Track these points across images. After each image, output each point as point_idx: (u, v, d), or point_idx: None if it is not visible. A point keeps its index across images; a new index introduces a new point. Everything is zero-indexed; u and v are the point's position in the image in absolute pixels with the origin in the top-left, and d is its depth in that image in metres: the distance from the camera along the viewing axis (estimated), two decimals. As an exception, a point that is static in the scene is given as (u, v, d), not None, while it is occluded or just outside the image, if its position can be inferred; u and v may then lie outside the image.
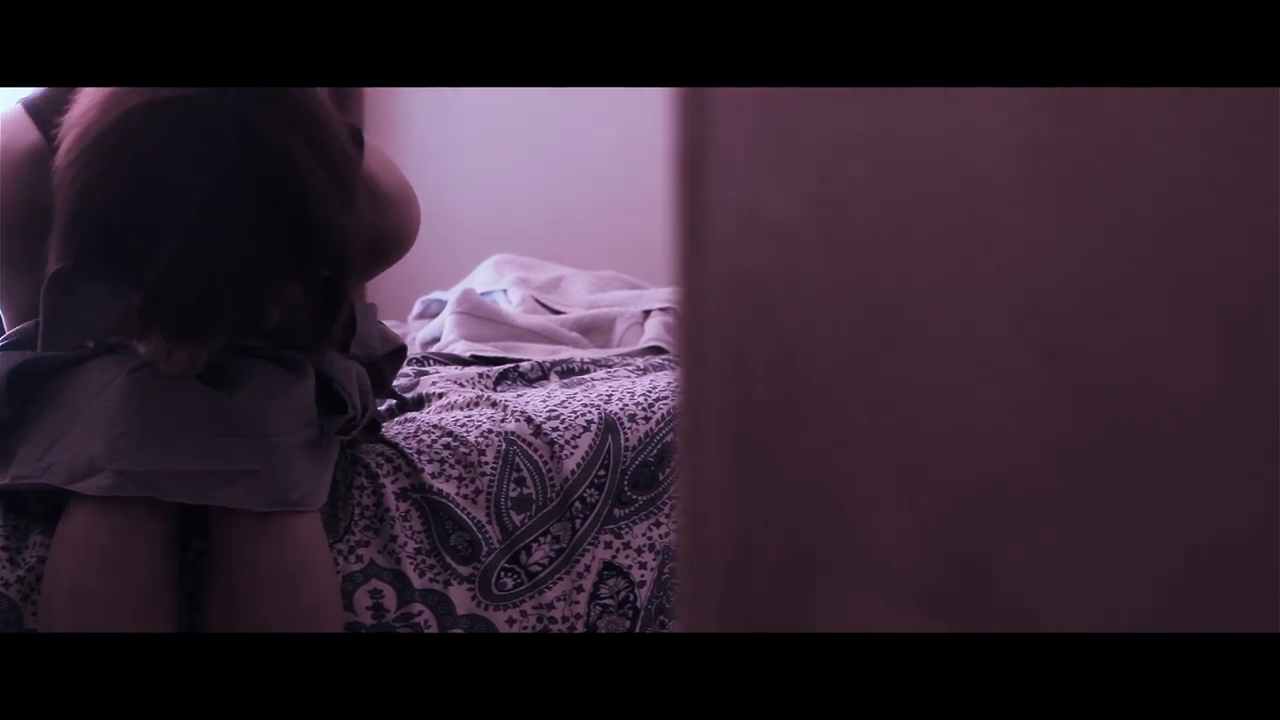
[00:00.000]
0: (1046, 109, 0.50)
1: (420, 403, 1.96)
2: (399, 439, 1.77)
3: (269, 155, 1.29)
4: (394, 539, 1.71)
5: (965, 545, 0.53)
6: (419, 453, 1.75)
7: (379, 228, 1.56)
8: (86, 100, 1.33)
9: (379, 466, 1.73)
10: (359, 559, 1.69)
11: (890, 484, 0.54)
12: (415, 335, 2.40)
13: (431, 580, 1.72)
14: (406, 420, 1.84)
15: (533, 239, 3.09)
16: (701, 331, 0.61)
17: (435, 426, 1.80)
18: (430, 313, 2.52)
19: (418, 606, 1.71)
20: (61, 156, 1.31)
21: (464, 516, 1.74)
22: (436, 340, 2.32)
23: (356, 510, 1.71)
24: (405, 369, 2.14)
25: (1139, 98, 0.48)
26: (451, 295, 2.42)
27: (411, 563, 1.71)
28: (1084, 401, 0.50)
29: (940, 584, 0.53)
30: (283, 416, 1.52)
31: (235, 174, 1.28)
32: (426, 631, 1.71)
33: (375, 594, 1.70)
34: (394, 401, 1.93)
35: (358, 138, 1.55)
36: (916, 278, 0.54)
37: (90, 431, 1.48)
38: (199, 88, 1.29)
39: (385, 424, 1.83)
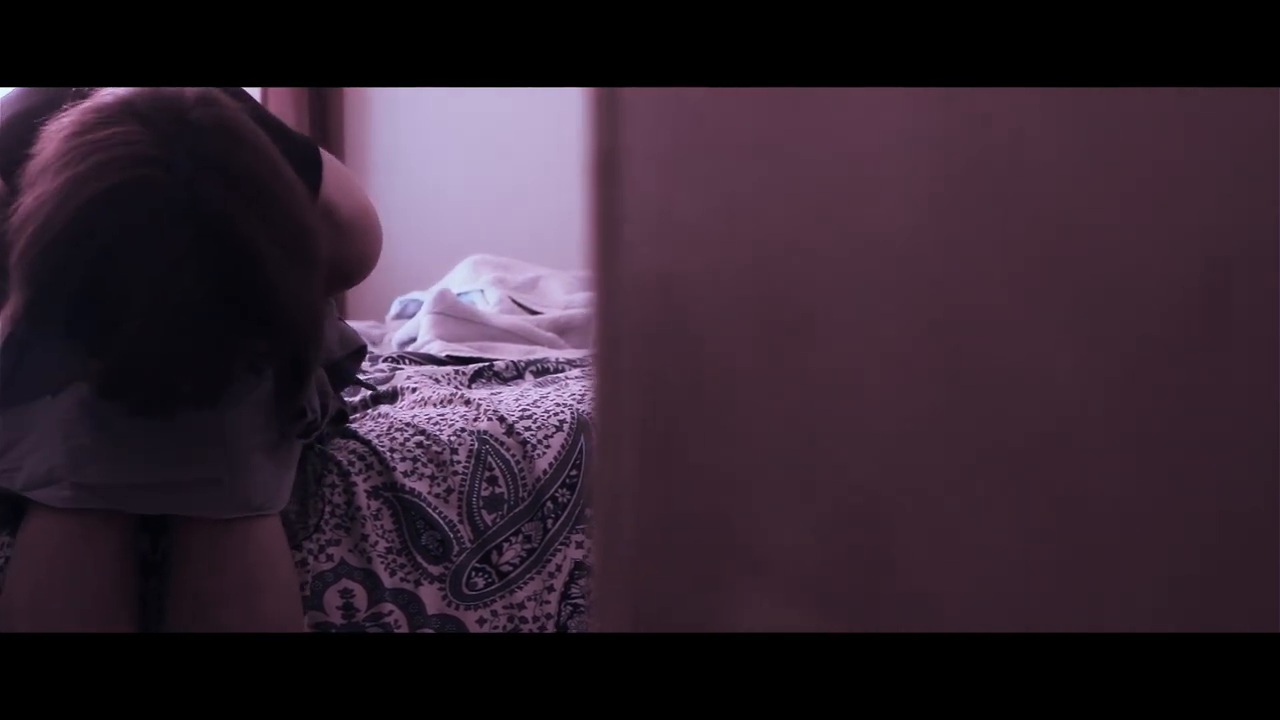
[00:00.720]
0: (936, 107, 0.50)
1: (394, 396, 1.96)
2: (371, 436, 1.77)
3: (219, 232, 1.29)
4: (365, 538, 1.71)
5: (865, 543, 0.53)
6: (391, 451, 1.75)
7: (338, 254, 1.56)
8: (43, 184, 1.31)
9: (351, 464, 1.73)
10: (329, 558, 1.69)
11: (794, 481, 0.55)
12: (392, 336, 2.40)
13: (402, 580, 1.72)
14: (379, 417, 1.84)
15: (510, 239, 3.10)
16: (614, 330, 0.61)
17: (408, 425, 1.80)
18: (408, 313, 2.52)
19: (388, 606, 1.71)
20: (18, 252, 1.30)
21: (435, 516, 1.74)
22: (413, 340, 2.32)
23: (327, 509, 1.71)
24: (380, 366, 2.14)
25: (1027, 97, 0.48)
26: (428, 295, 2.42)
27: (382, 562, 1.71)
28: (976, 400, 0.50)
29: (841, 582, 0.53)
30: (241, 422, 1.52)
31: (187, 253, 1.29)
32: (397, 631, 1.71)
33: (346, 593, 1.70)
34: (369, 393, 1.93)
35: (313, 162, 1.55)
36: (819, 277, 0.54)
37: (49, 439, 1.48)
38: (151, 168, 1.28)
39: (358, 419, 1.83)
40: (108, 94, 1.35)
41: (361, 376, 1.99)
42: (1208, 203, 0.44)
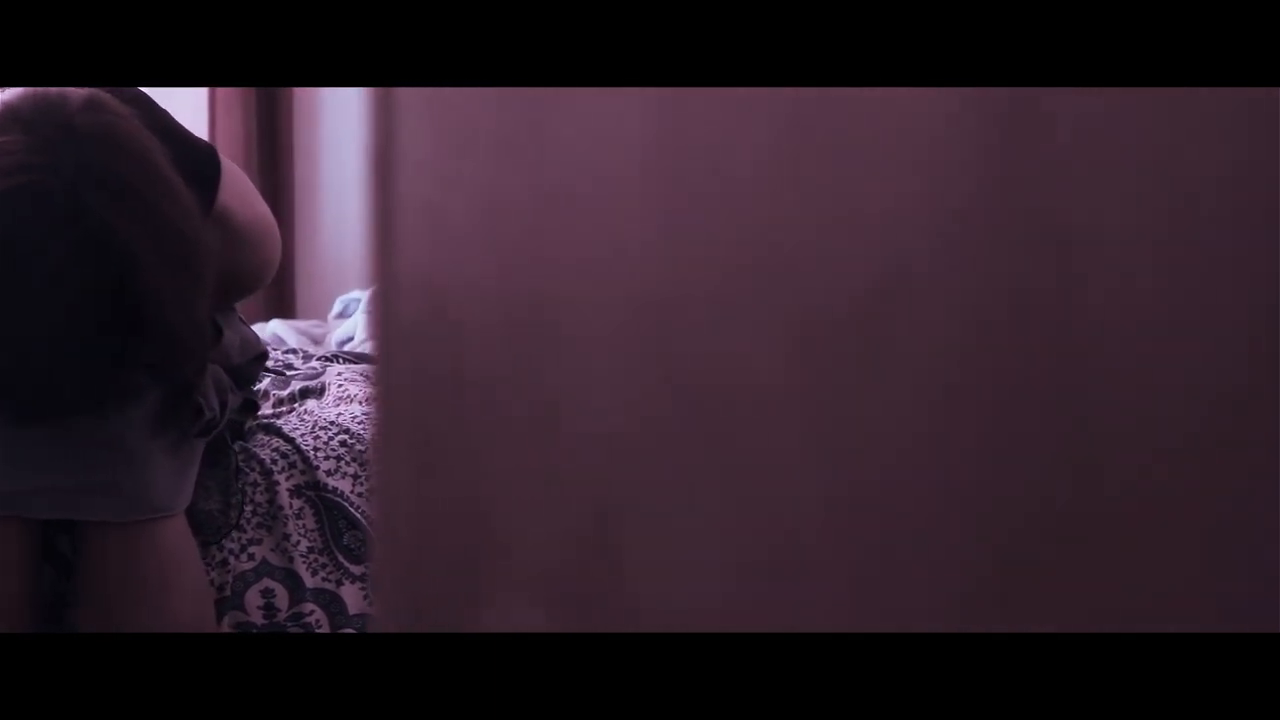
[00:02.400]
0: (667, 109, 0.51)
1: (323, 390, 1.96)
2: (295, 435, 1.76)
3: (100, 241, 1.28)
4: (287, 537, 1.71)
5: (595, 543, 0.53)
6: (315, 450, 1.75)
7: (235, 261, 1.56)
8: None
9: (274, 463, 1.73)
10: (251, 557, 1.69)
11: (539, 482, 0.55)
12: (333, 335, 2.40)
13: (324, 579, 1.72)
14: (305, 415, 1.84)
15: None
16: (389, 331, 0.62)
17: (332, 424, 1.80)
18: (349, 312, 2.52)
19: (309, 606, 1.71)
20: None
21: (358, 515, 1.74)
22: (351, 340, 2.32)
23: (249, 508, 1.70)
24: (313, 364, 2.14)
25: (731, 98, 0.49)
26: (367, 294, 2.42)
27: (304, 561, 1.71)
28: (696, 407, 0.50)
29: (578, 584, 0.53)
30: (137, 425, 1.52)
31: (67, 262, 1.28)
32: (318, 631, 1.71)
33: (267, 593, 1.70)
34: (297, 388, 1.93)
35: (210, 170, 1.54)
36: (564, 282, 0.55)
37: None
38: (31, 175, 1.27)
39: (284, 417, 1.82)
40: None
41: (291, 374, 1.99)
42: (887, 202, 0.45)
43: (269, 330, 2.52)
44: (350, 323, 2.37)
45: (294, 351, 2.25)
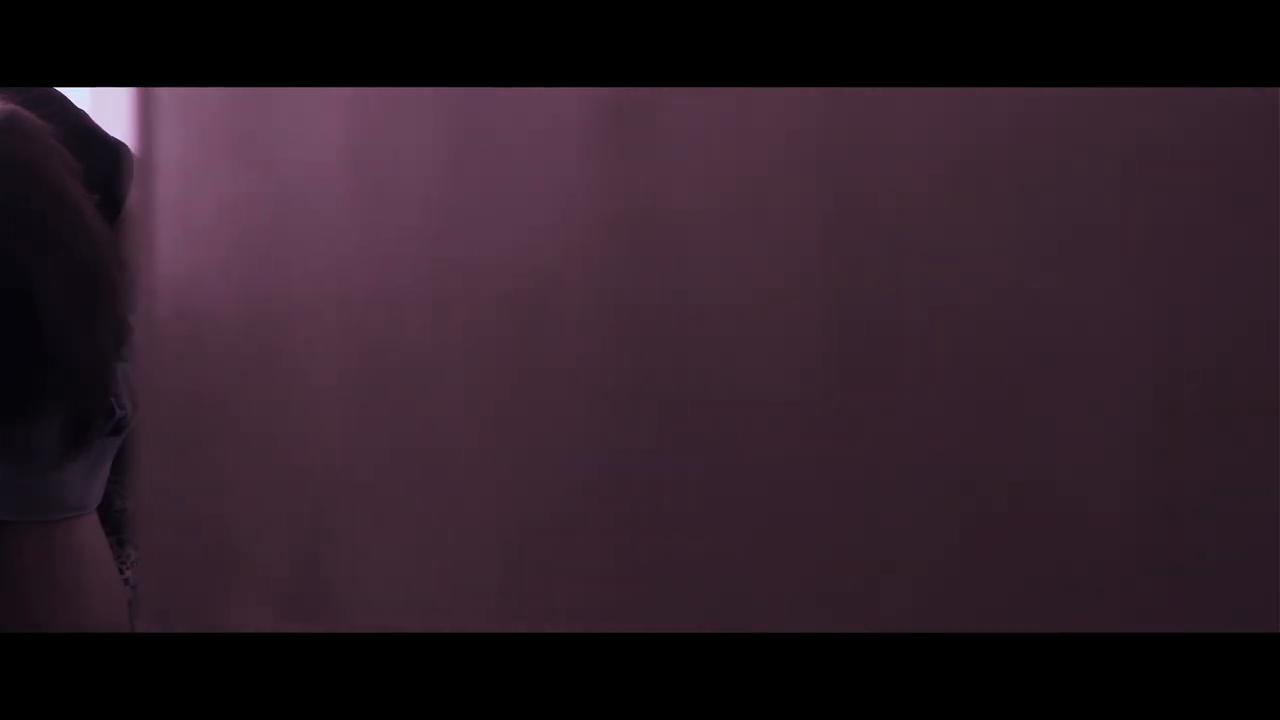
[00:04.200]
0: (359, 110, 0.51)
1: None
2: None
3: (5, 274, 1.29)
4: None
5: (311, 548, 0.53)
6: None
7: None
8: None
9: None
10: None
11: (266, 481, 0.55)
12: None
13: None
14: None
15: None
16: (146, 338, 0.62)
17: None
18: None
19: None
20: None
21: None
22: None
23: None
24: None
25: (405, 97, 0.49)
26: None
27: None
28: (390, 412, 0.50)
29: (297, 585, 0.54)
30: (49, 429, 1.51)
31: None
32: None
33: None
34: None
35: (124, 167, 1.53)
36: (296, 284, 0.55)
37: None
38: None
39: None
40: None
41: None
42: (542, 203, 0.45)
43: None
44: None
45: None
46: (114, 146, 1.57)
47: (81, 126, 1.50)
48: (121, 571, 1.65)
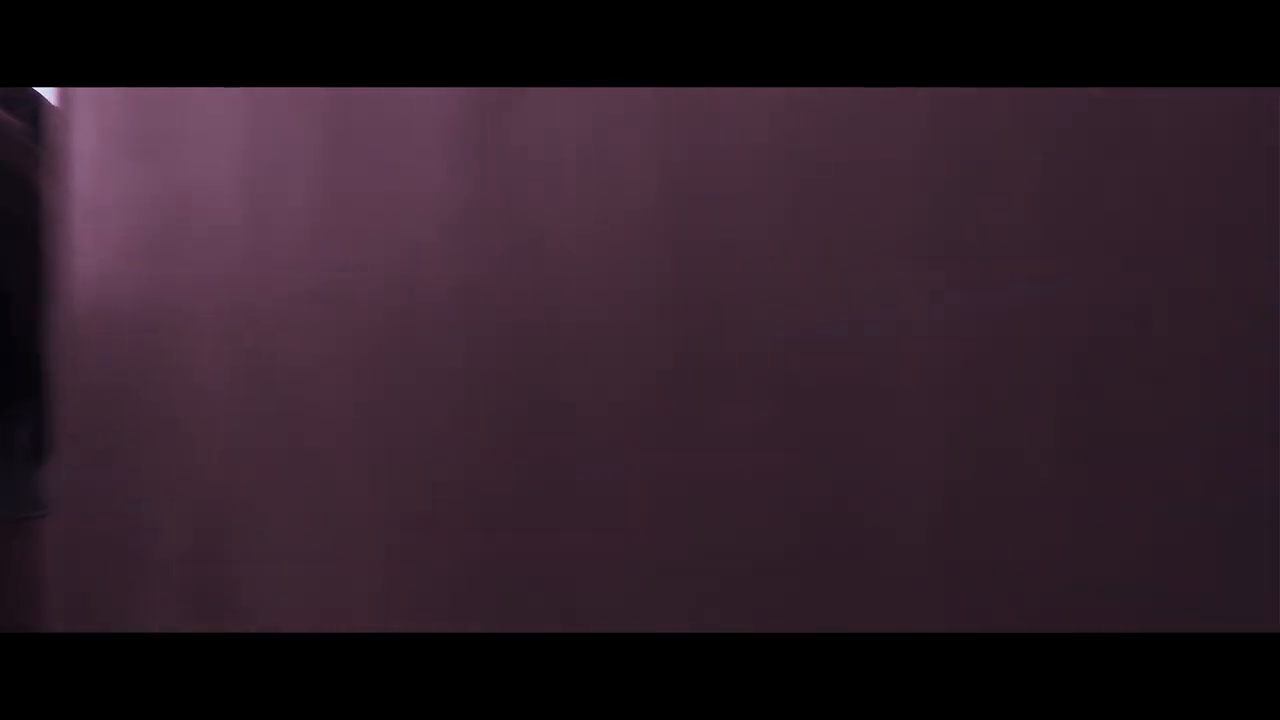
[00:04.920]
0: (246, 113, 0.51)
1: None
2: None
3: None
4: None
5: (211, 548, 0.53)
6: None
7: None
8: None
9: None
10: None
11: (165, 483, 0.55)
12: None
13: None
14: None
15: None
16: (61, 332, 0.61)
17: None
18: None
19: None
20: None
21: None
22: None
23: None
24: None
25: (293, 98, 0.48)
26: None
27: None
28: (279, 410, 0.50)
29: (198, 584, 0.54)
30: (16, 431, 1.50)
31: None
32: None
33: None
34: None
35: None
36: (187, 286, 0.55)
37: None
38: None
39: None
40: None
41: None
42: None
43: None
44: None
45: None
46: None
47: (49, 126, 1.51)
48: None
